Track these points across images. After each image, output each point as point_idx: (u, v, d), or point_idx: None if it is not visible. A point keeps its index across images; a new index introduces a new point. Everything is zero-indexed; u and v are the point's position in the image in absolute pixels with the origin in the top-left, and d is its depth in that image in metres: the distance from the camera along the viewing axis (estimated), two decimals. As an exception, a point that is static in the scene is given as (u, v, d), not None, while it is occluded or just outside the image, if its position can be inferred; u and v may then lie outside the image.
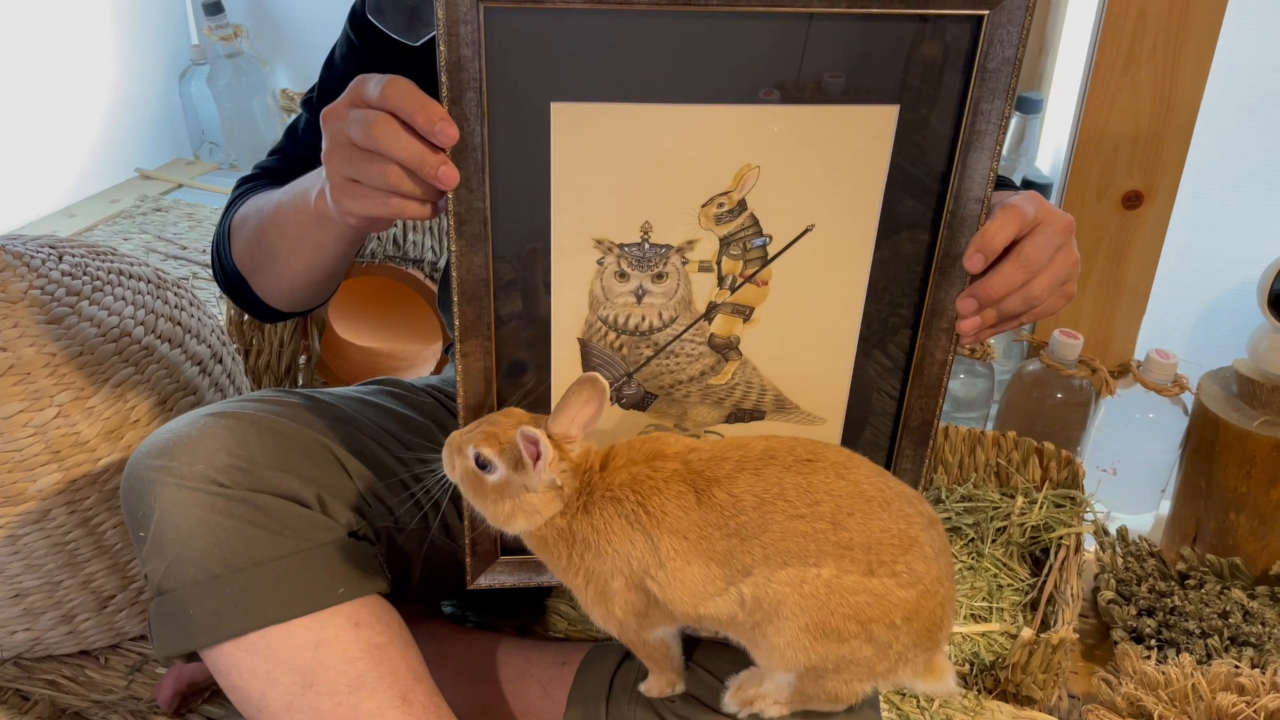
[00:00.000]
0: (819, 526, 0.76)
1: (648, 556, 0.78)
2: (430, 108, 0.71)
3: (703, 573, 0.78)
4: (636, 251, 0.81)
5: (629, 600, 0.81)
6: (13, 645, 1.18)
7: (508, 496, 0.79)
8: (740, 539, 0.77)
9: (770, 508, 0.76)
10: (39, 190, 2.33)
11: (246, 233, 1.01)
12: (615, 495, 0.79)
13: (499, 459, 0.78)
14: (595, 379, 0.78)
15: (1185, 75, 1.38)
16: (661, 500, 0.77)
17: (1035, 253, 0.81)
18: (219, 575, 0.87)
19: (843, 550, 0.76)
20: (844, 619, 0.77)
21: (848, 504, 0.77)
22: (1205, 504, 1.41)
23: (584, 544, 0.80)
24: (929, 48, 0.74)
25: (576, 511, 0.80)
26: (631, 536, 0.78)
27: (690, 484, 0.78)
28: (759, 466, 0.78)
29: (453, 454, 0.81)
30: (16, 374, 1.09)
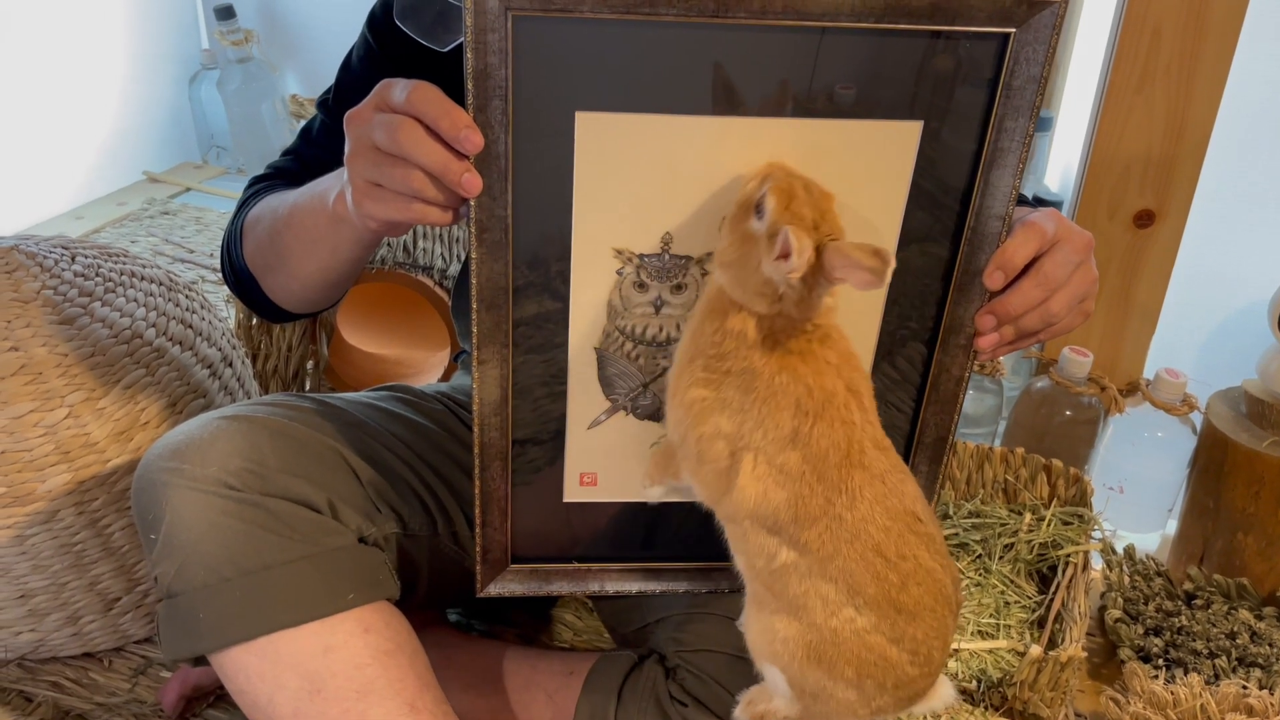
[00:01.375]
0: (889, 579, 0.76)
1: (769, 445, 0.74)
2: (456, 114, 0.71)
3: (777, 504, 0.75)
4: (656, 262, 0.81)
5: (715, 444, 0.77)
6: (17, 646, 1.18)
7: (745, 246, 0.72)
8: (828, 523, 0.74)
9: (870, 527, 0.75)
10: (47, 192, 2.34)
11: (259, 232, 1.01)
12: (805, 380, 0.74)
13: (770, 216, 0.70)
14: (888, 262, 0.67)
15: (1199, 94, 1.38)
16: (825, 430, 0.74)
17: (1055, 270, 0.81)
18: (229, 578, 0.87)
19: (890, 612, 0.76)
20: (845, 663, 0.77)
21: (922, 575, 0.77)
22: (1213, 524, 1.40)
23: (750, 370, 0.74)
24: (954, 65, 0.74)
25: (765, 335, 0.74)
26: (782, 418, 0.74)
27: (848, 445, 0.75)
28: (891, 490, 0.76)
29: (755, 176, 0.74)
30: (28, 374, 1.08)
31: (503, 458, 0.88)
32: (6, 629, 1.16)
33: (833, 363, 0.75)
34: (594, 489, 0.92)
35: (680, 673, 1.00)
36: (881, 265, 0.66)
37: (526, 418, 0.87)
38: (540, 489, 0.91)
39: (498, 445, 0.87)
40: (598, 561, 0.96)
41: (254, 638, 0.87)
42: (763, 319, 0.74)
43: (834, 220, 0.71)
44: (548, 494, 0.92)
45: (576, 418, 0.88)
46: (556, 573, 0.96)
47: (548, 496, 0.92)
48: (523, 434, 0.88)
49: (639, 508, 0.94)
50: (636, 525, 0.95)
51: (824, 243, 0.69)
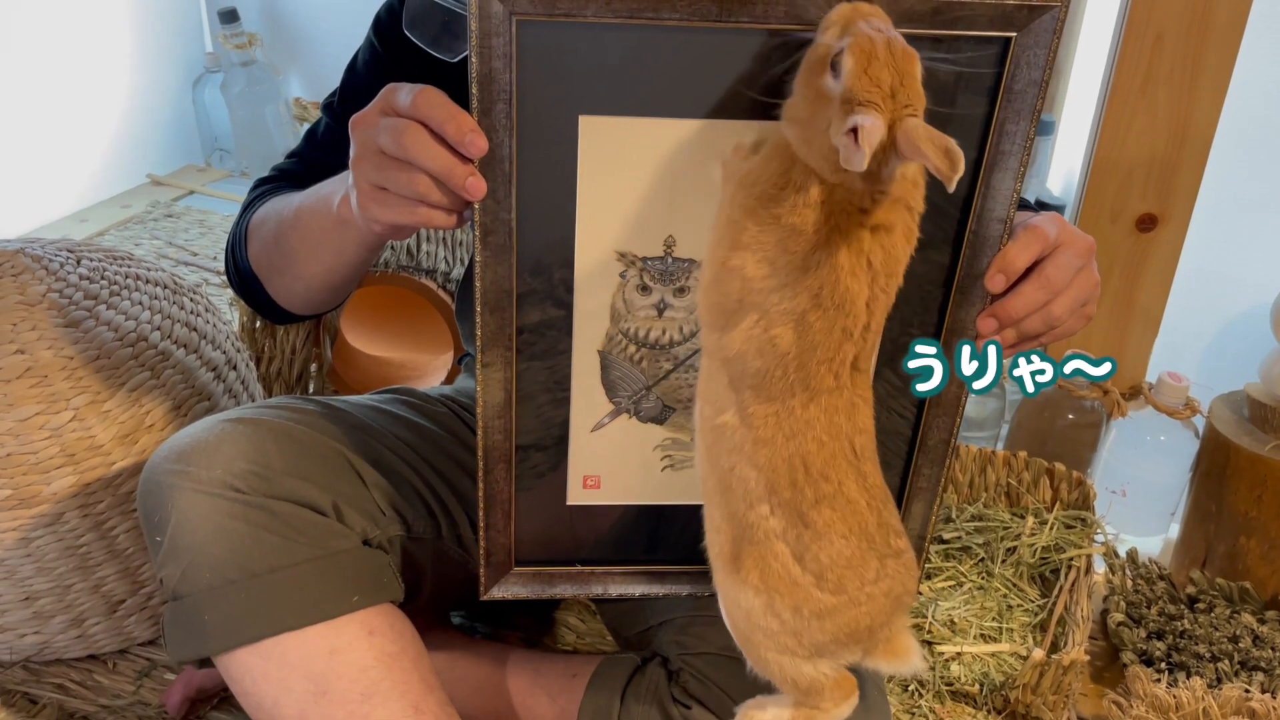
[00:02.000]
0: (805, 492, 0.75)
1: (777, 310, 0.72)
2: (461, 119, 0.72)
3: (749, 368, 0.73)
4: (659, 265, 0.81)
5: (732, 282, 0.73)
6: (22, 648, 1.18)
7: (817, 104, 0.67)
8: (778, 409, 0.74)
9: (808, 433, 0.74)
10: (51, 194, 2.34)
11: (264, 234, 1.01)
12: (837, 271, 0.70)
13: (846, 78, 0.65)
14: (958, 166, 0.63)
15: (1201, 98, 1.39)
16: (827, 321, 0.71)
17: (1056, 274, 0.81)
18: (234, 581, 0.88)
19: (797, 523, 0.76)
20: (752, 565, 0.77)
21: (840, 502, 0.76)
22: (1215, 528, 1.40)
23: (788, 216, 0.70)
24: (955, 69, 0.75)
25: (825, 198, 0.69)
26: (797, 290, 0.70)
27: (840, 342, 0.73)
28: (841, 408, 0.75)
29: (834, 23, 0.67)
30: (33, 377, 1.09)
31: (506, 461, 0.88)
32: (11, 631, 1.16)
33: (873, 265, 0.71)
34: (597, 492, 0.92)
35: (683, 675, 1.00)
36: (950, 170, 0.63)
37: (530, 421, 0.88)
38: (544, 492, 0.91)
39: (501, 448, 0.88)
40: (601, 564, 0.96)
41: (259, 640, 0.88)
42: (826, 185, 0.69)
43: (914, 86, 0.66)
44: (551, 497, 0.92)
45: (580, 421, 0.88)
46: (560, 575, 0.96)
47: (551, 499, 0.92)
48: (526, 437, 0.88)
49: (642, 511, 0.94)
50: (640, 528, 0.95)
51: (899, 117, 0.65)
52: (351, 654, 0.89)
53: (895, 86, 0.65)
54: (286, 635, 0.88)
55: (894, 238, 0.72)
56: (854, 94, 0.64)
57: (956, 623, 1.29)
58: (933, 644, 1.26)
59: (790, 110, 0.69)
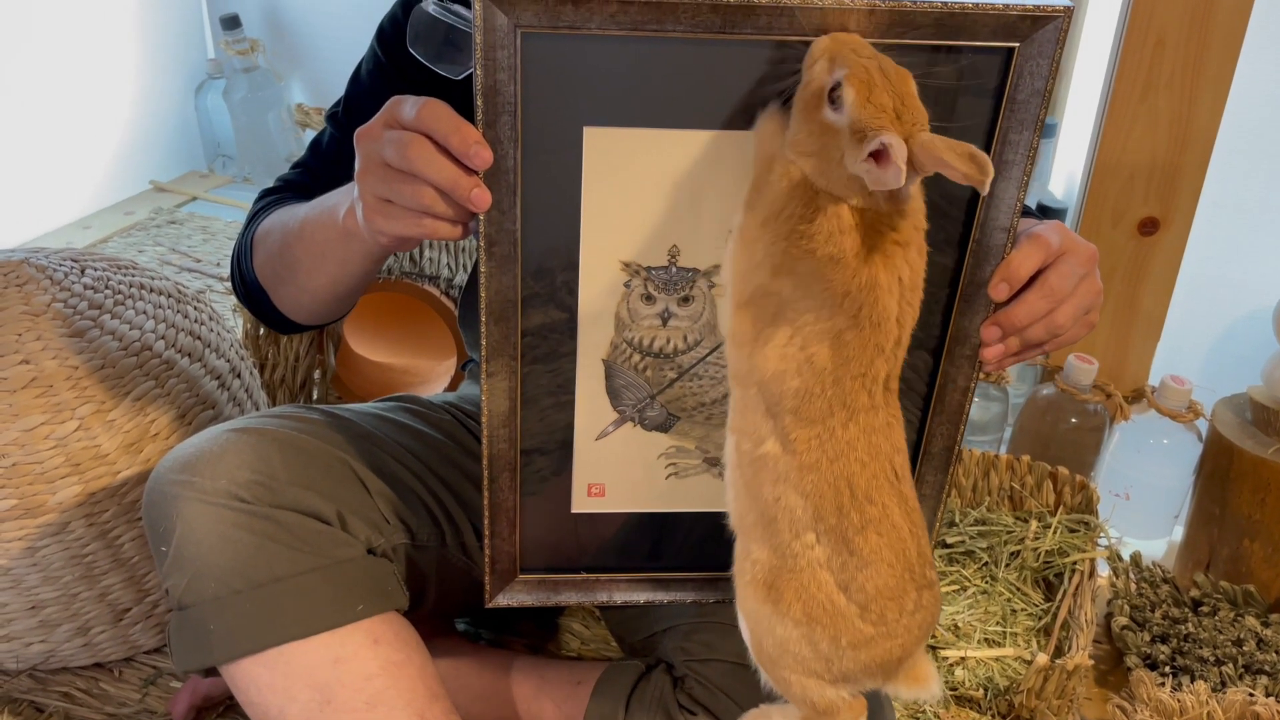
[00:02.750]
0: (851, 516, 0.74)
1: (809, 324, 0.72)
2: (465, 131, 0.72)
3: (787, 388, 0.73)
4: (664, 275, 0.81)
5: (767, 302, 0.73)
6: (28, 657, 1.19)
7: (824, 138, 0.68)
8: (820, 431, 0.73)
9: (850, 455, 0.74)
10: (55, 202, 2.34)
11: (270, 245, 1.01)
12: (876, 292, 0.71)
13: (850, 110, 0.66)
14: (987, 171, 0.63)
15: (1203, 103, 1.39)
16: (861, 339, 0.71)
17: (1059, 282, 0.82)
18: (239, 590, 0.88)
19: (843, 550, 0.75)
20: (795, 598, 0.76)
21: (886, 527, 0.76)
22: (1219, 531, 1.41)
23: (824, 249, 0.70)
24: (959, 79, 0.75)
25: (858, 223, 0.70)
26: (834, 310, 0.71)
27: (871, 361, 0.73)
28: (879, 429, 0.75)
29: (821, 58, 0.68)
30: (39, 386, 1.09)
31: (511, 469, 0.89)
32: (17, 640, 1.17)
33: (903, 281, 0.72)
34: (602, 500, 0.92)
35: (688, 682, 1.01)
36: (980, 173, 0.63)
37: (535, 429, 0.88)
38: (548, 500, 0.92)
39: (506, 456, 0.88)
40: (606, 572, 0.97)
41: (264, 649, 0.88)
42: (855, 208, 0.70)
43: (915, 105, 0.67)
44: (556, 505, 0.92)
45: (584, 429, 0.89)
46: (565, 583, 0.96)
47: (556, 507, 0.92)
48: (531, 445, 0.88)
49: (647, 519, 0.94)
50: (644, 536, 0.95)
51: (910, 135, 0.65)
52: (356, 663, 0.89)
53: (898, 108, 0.66)
54: (291, 644, 0.88)
55: (913, 253, 0.73)
56: (862, 123, 0.65)
57: (960, 627, 1.30)
58: (937, 649, 1.26)
59: (797, 146, 0.70)
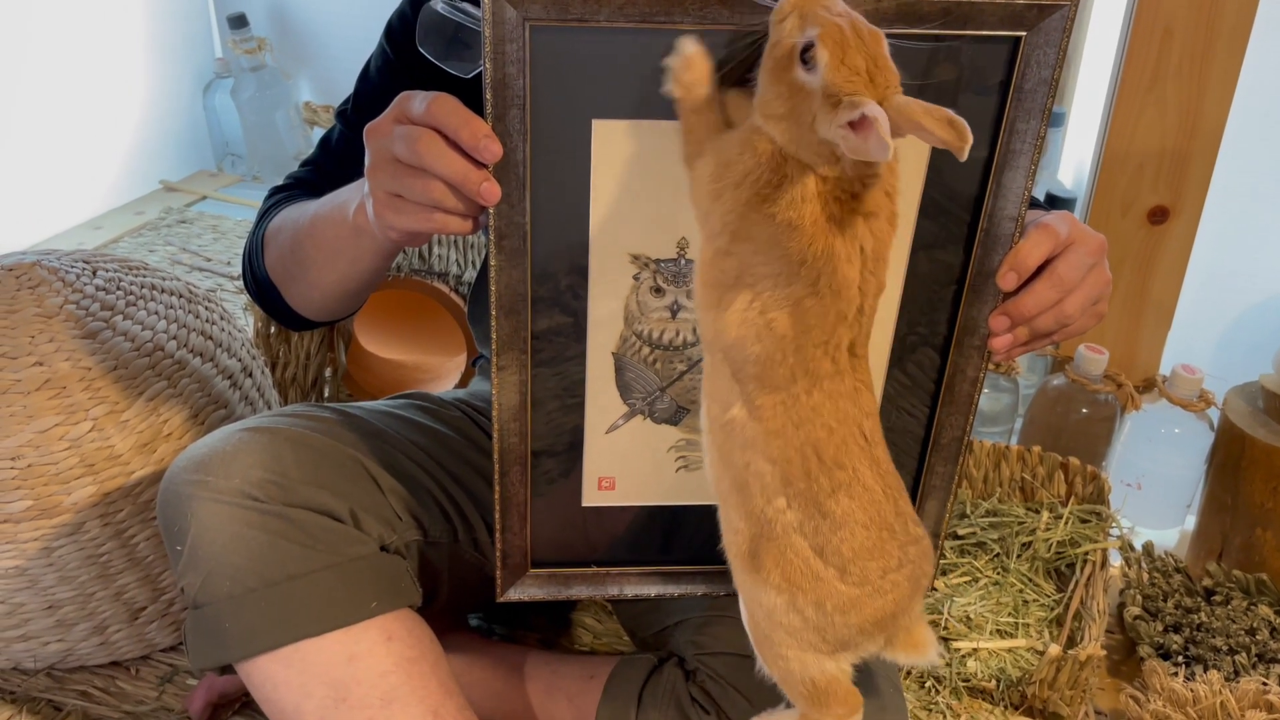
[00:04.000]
0: (820, 481, 0.74)
1: (767, 289, 0.70)
2: (475, 124, 0.72)
3: (749, 354, 0.72)
4: (672, 267, 0.81)
5: (727, 263, 0.72)
6: (45, 656, 1.19)
7: (794, 99, 0.65)
8: (784, 397, 0.73)
9: (816, 420, 0.73)
10: (66, 202, 2.35)
11: (281, 243, 1.02)
12: (834, 260, 0.69)
13: (824, 72, 0.63)
14: (966, 136, 0.62)
15: (1211, 92, 1.38)
16: (820, 306, 0.70)
17: (1068, 272, 0.82)
18: (254, 589, 0.88)
19: (815, 514, 0.75)
20: (774, 564, 0.76)
21: (858, 490, 0.75)
22: (1231, 519, 1.40)
23: (784, 213, 0.68)
24: (966, 69, 0.75)
25: (819, 191, 0.68)
26: (791, 277, 0.69)
27: (834, 329, 0.72)
28: (846, 393, 0.74)
29: (790, 13, 0.65)
30: (52, 388, 1.10)
31: (522, 463, 0.89)
32: (35, 639, 1.17)
33: (865, 250, 0.70)
34: (612, 493, 0.93)
35: (700, 675, 1.01)
36: (958, 140, 0.61)
37: (545, 423, 0.88)
38: (559, 494, 0.92)
39: (517, 451, 0.88)
40: (617, 565, 0.97)
41: (279, 647, 0.88)
42: (820, 176, 0.68)
43: (887, 66, 0.64)
44: (566, 499, 0.92)
45: (594, 422, 0.89)
46: (576, 577, 0.96)
47: (567, 501, 0.92)
48: (541, 439, 0.89)
49: (657, 511, 0.94)
50: (655, 529, 0.96)
51: (887, 100, 0.63)
52: (370, 659, 0.90)
53: (871, 70, 0.63)
54: (306, 642, 0.88)
55: (880, 223, 0.71)
56: (836, 86, 0.63)
57: (972, 619, 1.29)
58: (949, 640, 1.26)
59: (765, 108, 0.68)
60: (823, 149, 0.66)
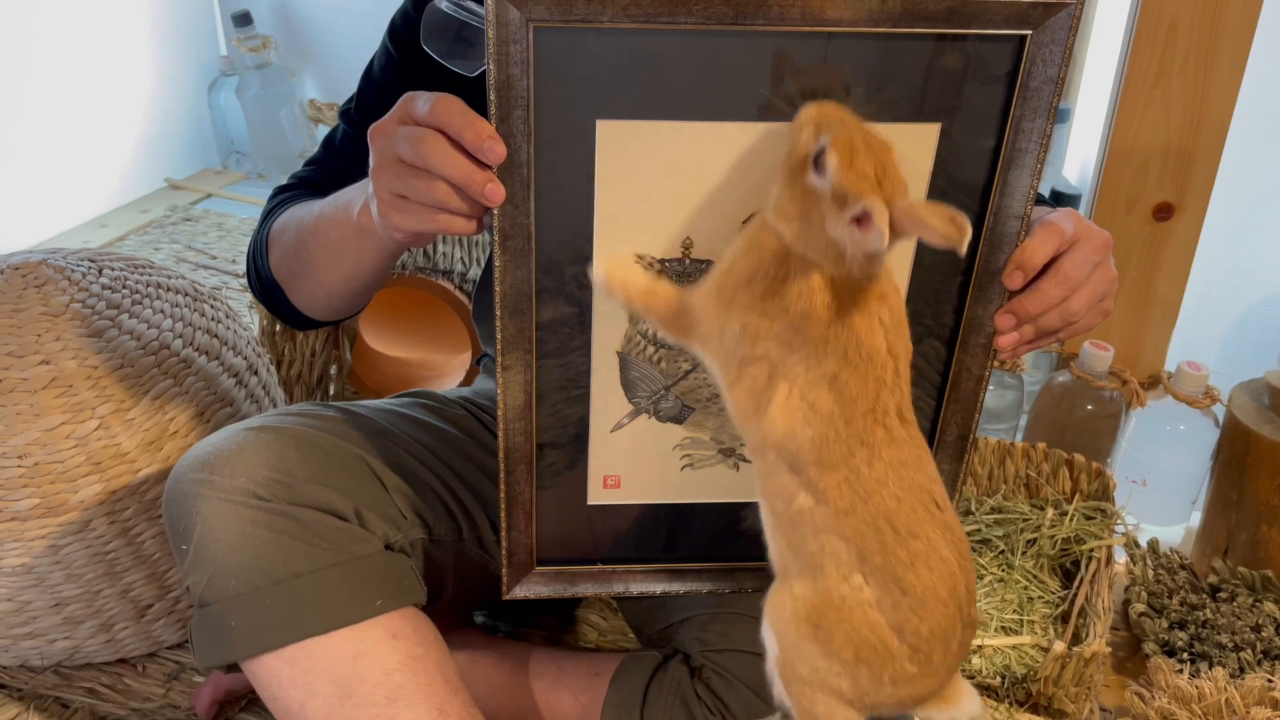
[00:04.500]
0: (897, 553, 0.73)
1: (806, 379, 0.72)
2: (479, 125, 0.72)
3: (802, 441, 0.72)
4: (677, 267, 0.81)
5: (760, 368, 0.74)
6: (52, 654, 1.20)
7: (806, 202, 0.68)
8: (847, 473, 0.72)
9: (883, 491, 0.72)
10: (72, 201, 2.36)
11: (285, 242, 1.02)
12: (857, 334, 0.71)
13: (833, 175, 0.66)
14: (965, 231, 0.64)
15: (1217, 87, 1.38)
16: (857, 377, 0.71)
17: (1074, 270, 0.82)
18: (259, 587, 0.88)
19: (894, 590, 0.73)
20: (845, 640, 0.74)
21: (935, 561, 0.74)
22: (1237, 516, 1.40)
23: (797, 306, 0.71)
24: (972, 67, 0.75)
25: (829, 283, 0.70)
26: (822, 357, 0.71)
27: (876, 396, 0.72)
28: (908, 461, 0.74)
29: (806, 125, 0.68)
30: (59, 386, 1.10)
31: (527, 462, 0.89)
32: (42, 637, 1.18)
33: (884, 322, 0.72)
34: (617, 491, 0.93)
35: (705, 672, 1.01)
36: (959, 235, 0.64)
37: (550, 422, 0.88)
38: (564, 492, 0.92)
39: (522, 449, 0.88)
40: (622, 563, 0.97)
41: (284, 645, 0.88)
42: (826, 274, 0.70)
43: (895, 174, 0.68)
44: (572, 497, 0.92)
45: (599, 421, 0.89)
46: (581, 574, 0.97)
47: (572, 499, 0.92)
48: (547, 438, 0.89)
49: (662, 509, 0.95)
50: (660, 526, 0.96)
51: (894, 203, 0.66)
52: (376, 657, 0.90)
53: (879, 175, 0.66)
54: (311, 640, 0.89)
55: (892, 298, 0.74)
56: (844, 188, 0.66)
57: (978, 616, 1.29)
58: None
59: (780, 209, 0.70)
60: (831, 249, 0.69)
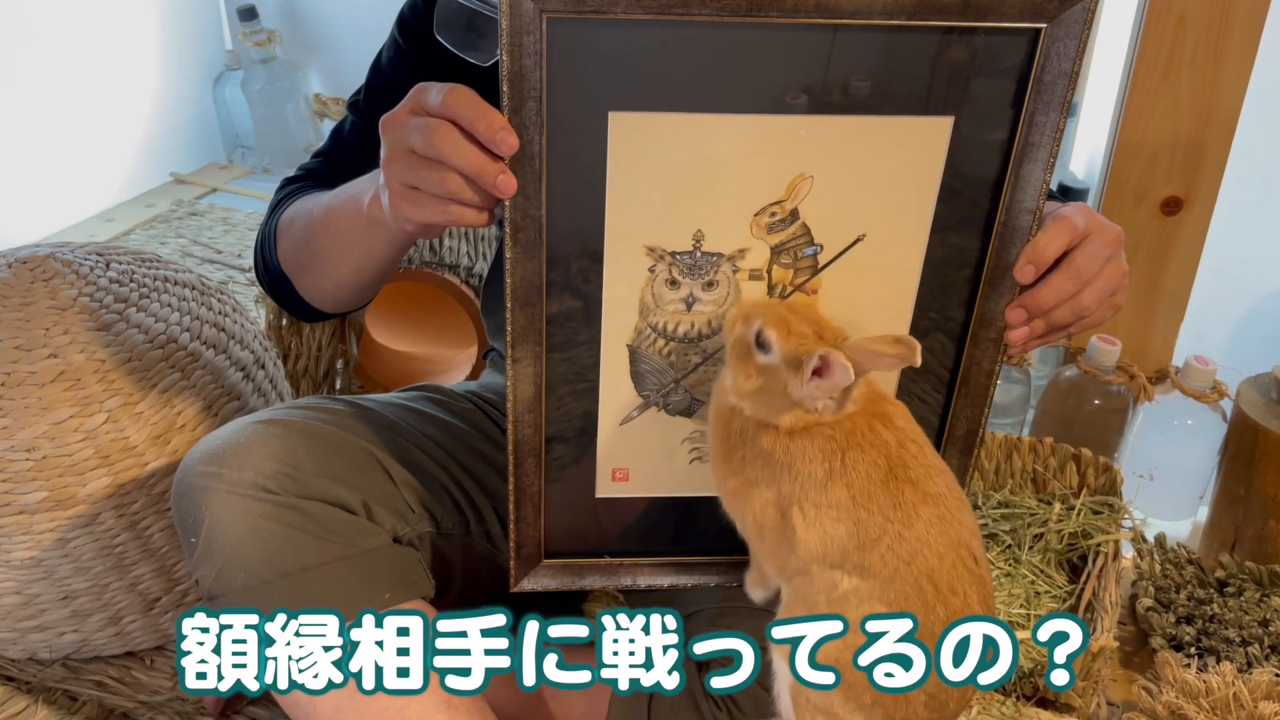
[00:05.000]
0: (937, 612, 0.75)
1: (811, 491, 0.75)
2: (491, 116, 0.72)
3: (839, 537, 0.75)
4: (688, 259, 0.81)
5: (766, 512, 0.79)
6: (61, 647, 1.20)
7: (762, 377, 0.76)
8: (889, 541, 0.74)
9: (926, 550, 0.75)
10: (77, 195, 2.36)
11: (293, 234, 1.02)
12: (828, 429, 0.76)
13: (779, 346, 0.74)
14: (914, 346, 0.72)
15: (1226, 81, 1.38)
16: (859, 457, 0.75)
17: (1085, 264, 0.81)
18: (268, 580, 0.88)
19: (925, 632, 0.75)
20: (867, 688, 0.76)
21: (959, 599, 0.76)
22: (1244, 511, 1.40)
23: (763, 451, 0.77)
24: (986, 61, 0.74)
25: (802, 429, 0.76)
26: (813, 466, 0.75)
27: (888, 463, 0.75)
28: (947, 515, 0.76)
29: (738, 318, 0.77)
30: (67, 380, 1.10)
31: (536, 455, 0.89)
32: (51, 630, 1.18)
33: (896, 423, 0.77)
34: (626, 484, 0.93)
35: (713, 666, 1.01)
36: (910, 351, 0.71)
37: (559, 414, 0.88)
38: (573, 485, 0.92)
39: (531, 442, 0.88)
40: (630, 556, 0.97)
41: None
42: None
43: (829, 325, 0.76)
44: (580, 490, 0.92)
45: (609, 414, 0.89)
46: (589, 567, 0.97)
47: (580, 492, 0.92)
48: (555, 431, 0.89)
49: (670, 503, 0.95)
50: (668, 520, 0.96)
51: (841, 345, 0.74)
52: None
53: (818, 330, 0.75)
54: None
55: (893, 407, 0.79)
56: (793, 353, 0.74)
57: (985, 610, 1.29)
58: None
59: (740, 389, 0.77)
60: (796, 407, 0.75)
